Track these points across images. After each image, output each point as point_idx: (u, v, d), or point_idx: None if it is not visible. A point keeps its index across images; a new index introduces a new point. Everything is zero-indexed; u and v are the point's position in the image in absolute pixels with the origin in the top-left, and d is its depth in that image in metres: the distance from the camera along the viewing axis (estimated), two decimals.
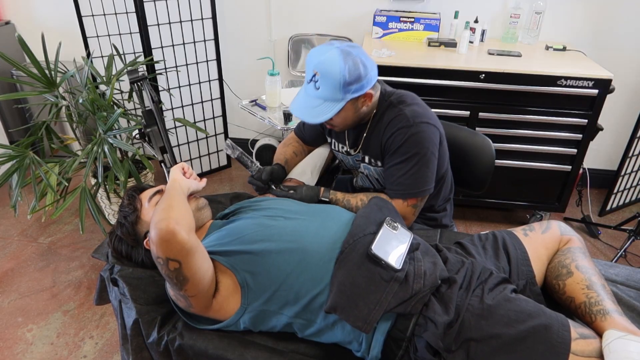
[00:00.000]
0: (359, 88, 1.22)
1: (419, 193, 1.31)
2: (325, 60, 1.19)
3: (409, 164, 1.28)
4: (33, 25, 2.82)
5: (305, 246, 1.07)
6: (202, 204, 1.25)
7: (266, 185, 1.43)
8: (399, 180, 1.30)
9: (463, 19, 2.42)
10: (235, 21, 2.71)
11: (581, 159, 2.20)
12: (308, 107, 1.25)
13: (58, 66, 1.99)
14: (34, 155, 1.91)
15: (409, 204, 1.33)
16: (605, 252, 2.32)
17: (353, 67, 1.18)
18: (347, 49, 1.20)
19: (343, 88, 1.19)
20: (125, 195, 1.24)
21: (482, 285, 1.06)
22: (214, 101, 2.78)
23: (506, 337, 0.94)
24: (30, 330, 1.83)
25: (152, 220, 0.95)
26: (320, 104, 1.23)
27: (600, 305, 1.01)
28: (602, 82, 2.00)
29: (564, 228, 1.23)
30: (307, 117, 1.25)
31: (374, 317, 0.98)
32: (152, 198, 1.21)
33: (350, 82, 1.19)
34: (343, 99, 1.22)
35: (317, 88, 1.22)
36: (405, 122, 1.27)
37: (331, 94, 1.21)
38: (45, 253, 2.25)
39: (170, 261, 0.93)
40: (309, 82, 1.24)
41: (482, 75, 2.05)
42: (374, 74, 1.25)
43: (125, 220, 1.19)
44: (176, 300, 1.07)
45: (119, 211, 1.23)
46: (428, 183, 1.32)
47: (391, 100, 1.33)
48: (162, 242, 0.91)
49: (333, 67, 1.18)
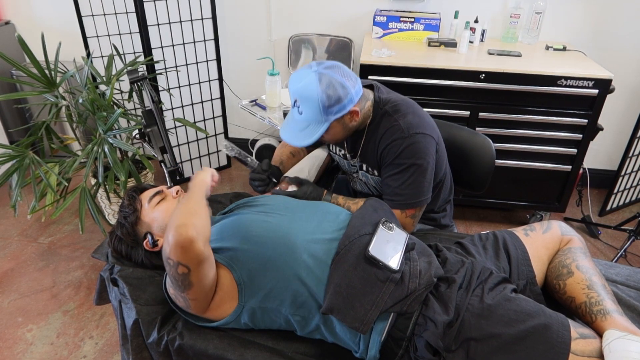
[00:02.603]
0: (340, 109, 1.23)
1: (417, 203, 1.33)
2: (302, 86, 1.21)
3: (406, 175, 1.30)
4: (33, 25, 2.82)
5: (302, 244, 1.07)
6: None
7: (267, 176, 1.44)
8: (396, 191, 1.32)
9: (463, 19, 2.42)
10: (235, 21, 2.71)
11: (581, 159, 2.20)
12: (294, 130, 1.28)
13: (58, 66, 1.99)
14: (33, 155, 1.91)
15: (408, 214, 1.34)
16: (605, 252, 2.32)
17: (330, 90, 1.20)
18: (324, 72, 1.21)
19: (324, 111, 1.22)
20: (125, 195, 1.24)
21: (482, 284, 1.06)
22: (214, 101, 2.79)
23: (506, 336, 0.94)
24: (30, 330, 1.83)
25: (172, 220, 0.94)
26: (305, 127, 1.26)
27: (601, 305, 1.01)
28: (602, 82, 2.00)
29: (565, 228, 1.23)
30: (295, 141, 1.28)
31: (371, 317, 0.99)
32: (153, 199, 1.21)
33: (330, 104, 1.21)
34: (326, 120, 1.24)
35: (300, 113, 1.25)
36: (400, 134, 1.28)
37: (314, 117, 1.24)
38: (45, 253, 2.25)
39: (181, 266, 0.94)
40: (293, 107, 1.28)
41: (482, 75, 2.05)
42: (355, 91, 1.25)
43: (125, 221, 1.19)
44: (175, 299, 1.07)
45: (119, 211, 1.23)
46: (425, 193, 1.33)
47: (386, 109, 1.33)
48: (179, 247, 0.91)
49: (311, 93, 1.20)
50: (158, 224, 1.18)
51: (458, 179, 1.62)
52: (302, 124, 1.26)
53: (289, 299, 1.04)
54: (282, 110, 2.10)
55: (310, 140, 1.26)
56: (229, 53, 2.80)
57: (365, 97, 1.33)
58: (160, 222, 1.18)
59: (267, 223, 1.12)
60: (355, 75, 1.28)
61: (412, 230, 1.39)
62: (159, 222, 1.18)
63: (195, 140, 2.82)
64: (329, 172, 1.70)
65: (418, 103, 1.39)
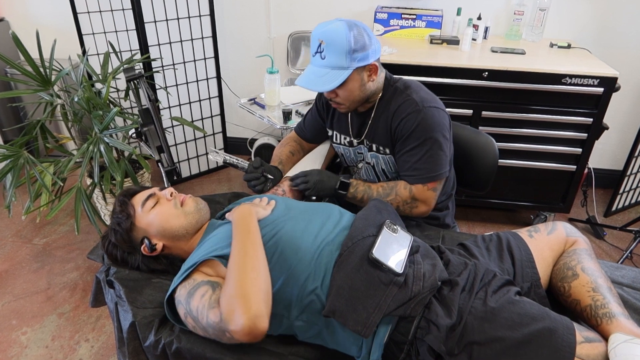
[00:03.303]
0: (364, 57, 1.25)
1: (438, 176, 1.34)
2: (330, 29, 1.23)
3: (424, 149, 1.31)
4: (28, 23, 2.82)
5: (304, 246, 1.07)
6: (201, 204, 1.24)
7: (261, 174, 1.43)
8: (416, 166, 1.33)
9: (466, 16, 2.41)
10: (234, 18, 2.71)
11: (586, 159, 2.19)
12: (315, 76, 1.27)
13: (53, 64, 1.99)
14: (28, 155, 1.91)
15: (429, 187, 1.35)
16: (610, 254, 2.32)
17: (358, 35, 1.23)
18: (351, 21, 1.25)
19: (349, 55, 1.23)
20: (116, 200, 1.22)
21: (486, 287, 1.06)
22: (212, 100, 2.78)
23: (510, 340, 0.94)
24: (25, 333, 1.83)
25: (235, 289, 0.88)
26: (327, 73, 1.26)
27: (606, 308, 1.01)
28: (607, 80, 2.00)
29: (570, 229, 1.23)
30: (314, 85, 1.27)
31: (373, 321, 0.98)
32: (146, 203, 1.18)
33: (355, 49, 1.23)
34: (349, 66, 1.24)
35: (323, 58, 1.25)
36: (414, 107, 1.30)
37: (337, 61, 1.24)
38: (40, 254, 2.24)
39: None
40: (315, 54, 1.28)
41: (485, 73, 2.04)
42: (378, 47, 1.29)
43: (119, 227, 1.17)
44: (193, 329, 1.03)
45: (111, 218, 1.21)
46: (444, 166, 1.35)
47: (397, 86, 1.36)
48: (250, 337, 0.86)
49: (339, 34, 1.22)
50: (155, 228, 1.17)
51: (461, 178, 1.61)
52: (324, 69, 1.26)
53: (292, 303, 1.04)
54: (282, 109, 2.10)
55: (331, 86, 1.25)
56: (227, 51, 2.80)
57: (381, 67, 1.35)
58: (157, 226, 1.17)
59: (269, 227, 1.12)
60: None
61: (433, 205, 1.39)
62: (156, 226, 1.17)
63: (192, 139, 2.82)
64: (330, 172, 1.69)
65: None
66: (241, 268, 0.93)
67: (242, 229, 1.04)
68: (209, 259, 1.07)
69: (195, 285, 1.01)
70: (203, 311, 0.96)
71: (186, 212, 1.19)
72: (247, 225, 1.05)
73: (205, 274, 1.06)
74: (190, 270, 1.06)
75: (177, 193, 1.23)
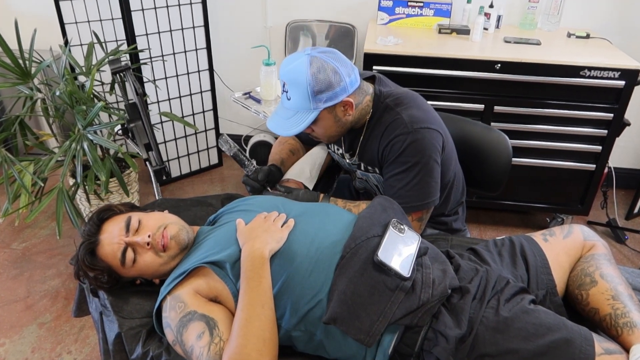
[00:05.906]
0: (332, 96, 1.22)
1: (424, 205, 1.32)
2: (292, 68, 1.21)
3: (410, 174, 1.28)
4: (6, 11, 2.82)
5: (301, 251, 1.07)
6: (183, 235, 1.16)
7: (262, 186, 1.43)
8: (401, 193, 1.30)
9: (477, 4, 2.41)
10: (227, 6, 2.71)
11: (606, 157, 2.20)
12: (281, 118, 1.28)
13: (33, 55, 2.00)
14: (6, 153, 1.91)
15: (414, 217, 1.34)
16: (632, 259, 2.32)
17: (321, 74, 1.19)
18: (317, 56, 1.21)
19: (312, 97, 1.21)
20: (85, 257, 1.11)
21: (498, 295, 1.06)
22: (204, 93, 2.79)
23: (524, 352, 0.94)
24: (3, 344, 1.83)
25: (243, 341, 0.94)
26: (292, 115, 1.26)
27: (627, 317, 1.01)
28: (629, 72, 2.00)
29: (588, 233, 1.23)
30: (280, 129, 1.28)
31: (378, 329, 0.98)
32: (125, 261, 1.11)
33: (319, 90, 1.20)
34: (315, 108, 1.23)
35: (289, 98, 1.25)
36: (403, 129, 1.27)
37: (301, 103, 1.23)
38: (19, 260, 2.25)
39: None
40: (282, 93, 1.27)
41: (498, 65, 2.05)
42: (350, 80, 1.24)
43: (102, 283, 1.14)
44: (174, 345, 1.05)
45: (86, 265, 1.12)
46: (432, 194, 1.32)
47: (387, 102, 1.33)
48: None
49: (299, 75, 1.20)
50: (147, 274, 1.17)
51: (471, 179, 1.62)
52: (290, 111, 1.26)
53: (288, 311, 1.04)
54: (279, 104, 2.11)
55: (296, 130, 1.25)
56: (220, 41, 2.80)
57: (364, 90, 1.32)
58: (149, 274, 1.16)
59: None
60: (353, 65, 1.28)
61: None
62: (148, 274, 1.17)
63: (183, 136, 2.82)
64: (330, 171, 1.70)
65: (428, 95, 1.40)
66: (248, 325, 0.96)
67: (252, 276, 1.02)
68: (200, 267, 1.07)
69: (188, 315, 1.02)
70: (200, 358, 0.97)
71: (172, 255, 1.15)
72: (259, 275, 1.02)
73: (197, 292, 1.06)
74: (180, 278, 1.07)
75: (153, 235, 1.12)
